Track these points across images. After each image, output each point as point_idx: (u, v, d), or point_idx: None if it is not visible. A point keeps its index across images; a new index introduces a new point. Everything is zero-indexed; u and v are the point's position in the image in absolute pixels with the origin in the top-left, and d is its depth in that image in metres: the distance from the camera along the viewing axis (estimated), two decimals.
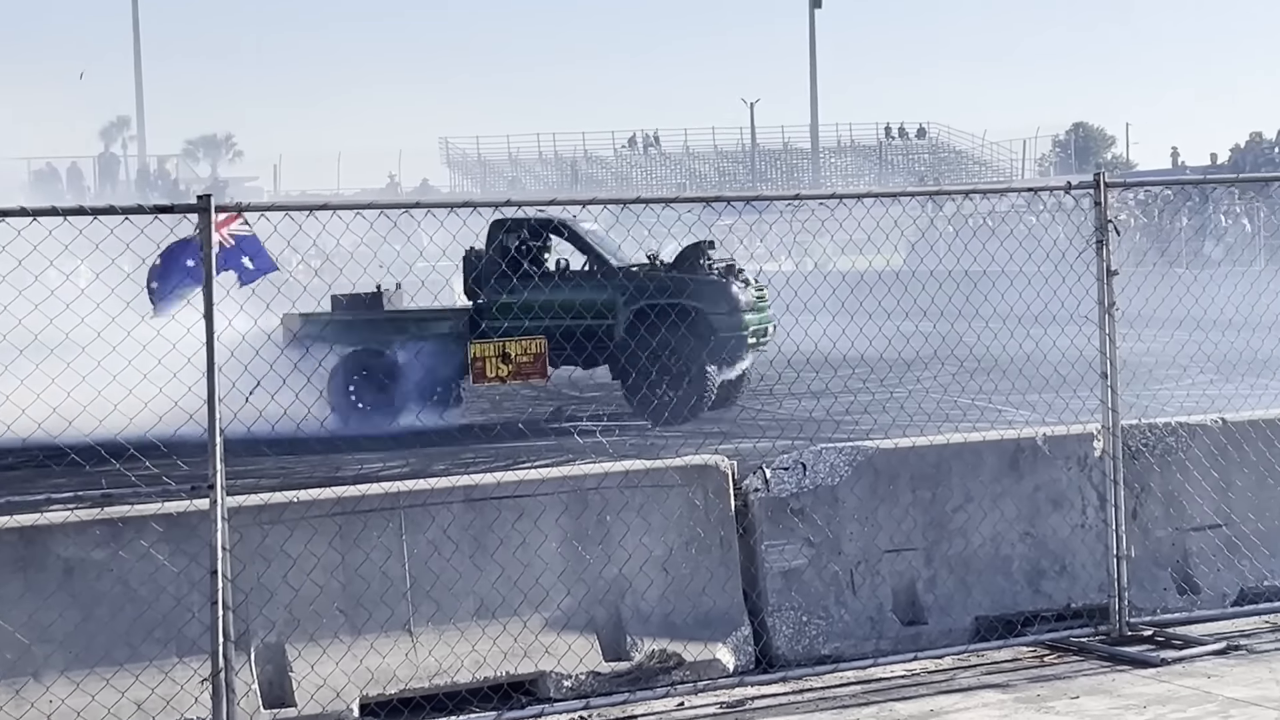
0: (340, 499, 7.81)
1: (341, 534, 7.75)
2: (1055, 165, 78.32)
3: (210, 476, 7.14)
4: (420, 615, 7.86)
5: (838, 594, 8.66)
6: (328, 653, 7.64)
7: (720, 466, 8.59)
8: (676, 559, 8.37)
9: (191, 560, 7.37)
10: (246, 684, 7.42)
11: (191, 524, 7.42)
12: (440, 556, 7.89)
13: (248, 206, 7.37)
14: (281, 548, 7.59)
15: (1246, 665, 8.30)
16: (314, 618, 7.65)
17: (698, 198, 8.68)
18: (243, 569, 7.46)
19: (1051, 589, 9.05)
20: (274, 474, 13.02)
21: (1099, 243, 8.95)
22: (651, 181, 73.37)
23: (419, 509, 7.92)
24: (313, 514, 7.71)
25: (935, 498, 8.92)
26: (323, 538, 7.70)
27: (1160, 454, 9.39)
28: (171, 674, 7.33)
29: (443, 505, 7.95)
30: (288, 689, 7.54)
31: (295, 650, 7.62)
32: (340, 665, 7.63)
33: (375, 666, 7.70)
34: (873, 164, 75.86)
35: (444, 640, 7.84)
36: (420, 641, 7.83)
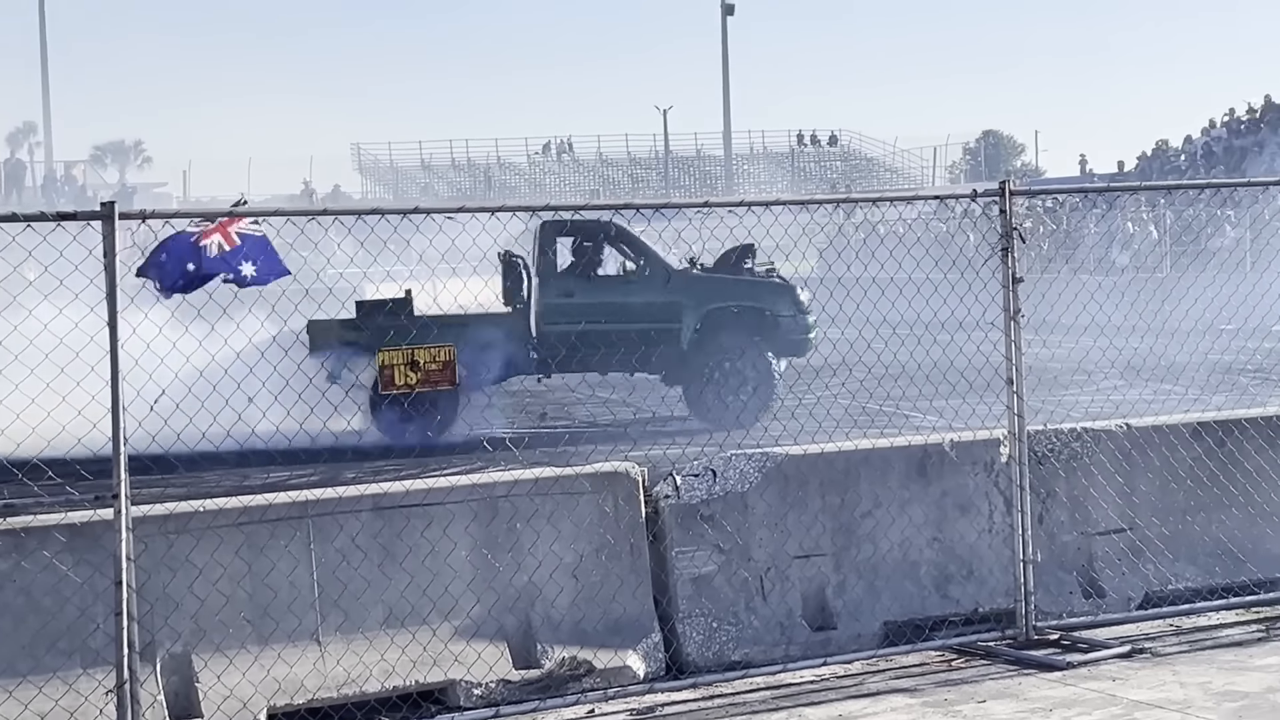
0: (246, 508, 7.75)
1: (248, 543, 7.69)
2: (966, 172, 78.99)
3: (114, 486, 7.06)
4: (329, 625, 7.81)
5: (748, 600, 8.68)
6: (234, 663, 7.58)
7: (631, 473, 8.60)
8: (587, 566, 8.37)
9: (96, 571, 7.29)
10: (152, 695, 7.35)
11: (95, 534, 7.34)
12: (349, 565, 7.84)
13: (152, 213, 7.30)
14: (187, 557, 7.52)
15: (1150, 668, 8.39)
16: (220, 628, 7.59)
17: (608, 205, 8.68)
18: (148, 579, 7.39)
19: (959, 594, 9.12)
20: (181, 483, 12.90)
21: (1005, 250, 9.02)
22: (565, 188, 73.32)
23: (327, 518, 7.87)
24: (219, 523, 7.65)
25: (844, 504, 8.96)
26: (229, 547, 7.63)
27: (1066, 459, 9.48)
28: (76, 685, 7.25)
29: (351, 514, 7.91)
30: (194, 700, 7.48)
31: (201, 661, 7.55)
32: (247, 676, 7.57)
33: (283, 677, 7.64)
34: (785, 171, 76.23)
35: (352, 649, 7.80)
36: (328, 651, 7.78)
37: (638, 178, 75.37)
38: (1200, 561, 9.68)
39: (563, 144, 76.88)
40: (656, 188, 73.37)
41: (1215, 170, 44.95)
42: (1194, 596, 9.48)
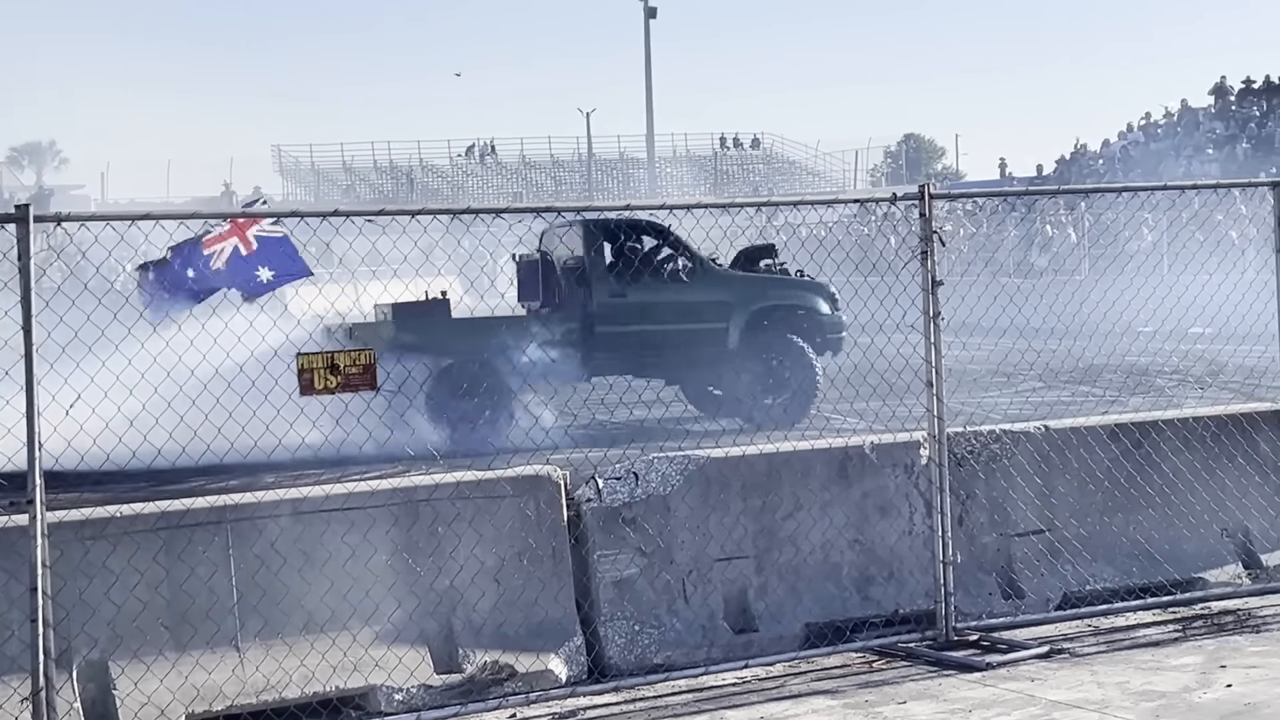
0: (164, 513, 7.68)
1: (166, 549, 7.62)
2: (887, 176, 79.49)
3: (29, 491, 6.98)
4: (247, 630, 7.75)
5: (670, 603, 8.69)
6: (152, 670, 7.51)
7: (552, 477, 8.58)
8: (509, 570, 8.34)
9: (11, 577, 7.20)
10: (68, 702, 7.27)
11: (10, 540, 7.25)
12: (268, 570, 7.79)
13: (67, 216, 7.22)
14: (104, 563, 7.45)
15: (1069, 668, 8.46)
16: (138, 634, 7.51)
17: (530, 208, 8.67)
18: (64, 585, 7.31)
19: (880, 595, 9.16)
20: (98, 488, 12.76)
21: (924, 253, 9.08)
22: (488, 190, 73.14)
23: (246, 522, 7.81)
24: (136, 529, 7.58)
25: (766, 506, 8.98)
26: (146, 553, 7.56)
27: (985, 461, 9.54)
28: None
29: (270, 518, 7.85)
30: (111, 707, 7.40)
31: (119, 668, 7.47)
32: (165, 682, 7.50)
33: (201, 683, 7.57)
34: (708, 174, 76.39)
35: (272, 655, 7.74)
36: (247, 657, 7.72)
37: (561, 180, 75.29)
38: (1118, 562, 9.76)
39: (486, 146, 76.69)
40: (580, 190, 73.34)
41: (1133, 173, 45.41)
42: (1112, 597, 9.56)
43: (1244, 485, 10.08)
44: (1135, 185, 14.01)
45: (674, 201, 8.75)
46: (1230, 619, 9.32)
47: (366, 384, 7.69)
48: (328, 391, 7.59)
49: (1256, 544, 10.10)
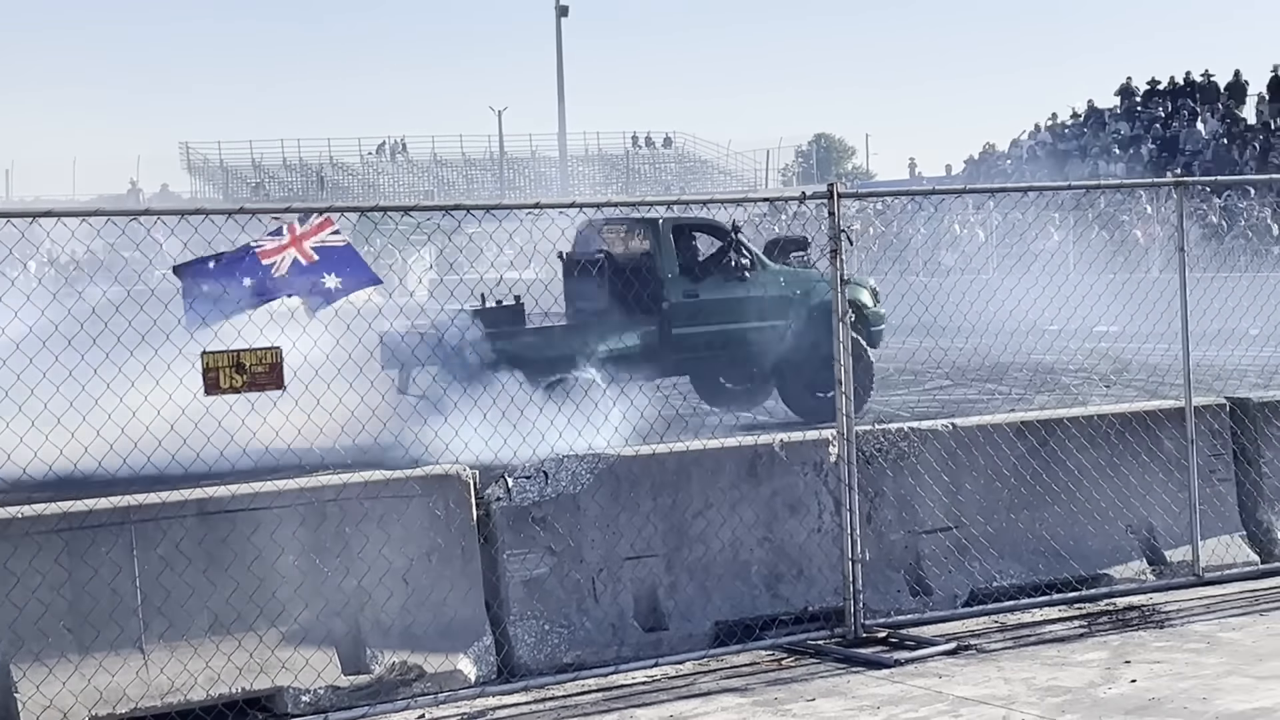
0: (66, 514, 7.58)
1: (68, 550, 7.52)
2: (798, 175, 79.79)
3: None
4: (152, 632, 7.67)
5: (580, 602, 8.67)
6: (54, 673, 7.41)
7: (462, 476, 8.54)
8: (417, 570, 8.30)
9: None
10: None
11: None
12: (173, 572, 7.70)
13: None
14: (4, 565, 7.34)
15: (976, 664, 8.52)
16: (40, 637, 7.41)
17: (438, 206, 8.62)
18: None
19: (789, 593, 9.19)
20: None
21: (833, 252, 9.12)
22: (399, 188, 72.82)
23: (150, 523, 7.72)
24: (37, 529, 7.48)
25: (676, 504, 8.99)
26: (48, 554, 7.46)
27: (894, 459, 9.59)
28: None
29: (175, 519, 7.77)
30: (12, 710, 7.30)
31: (20, 671, 7.37)
32: (68, 685, 7.40)
33: (105, 686, 7.48)
34: (620, 173, 76.41)
35: (177, 657, 7.66)
36: (152, 659, 7.64)
37: (472, 178, 75.08)
38: (1024, 559, 9.84)
39: (397, 144, 76.35)
40: (491, 189, 73.16)
41: (1040, 174, 45.85)
42: (1018, 593, 9.64)
43: (1148, 482, 10.19)
44: (1041, 185, 14.16)
45: (584, 200, 8.73)
46: (1135, 615, 9.42)
47: (273, 383, 7.62)
48: (233, 391, 7.52)
49: (1160, 540, 10.22)
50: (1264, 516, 10.58)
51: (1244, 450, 10.63)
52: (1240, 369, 19.94)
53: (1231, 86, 44.96)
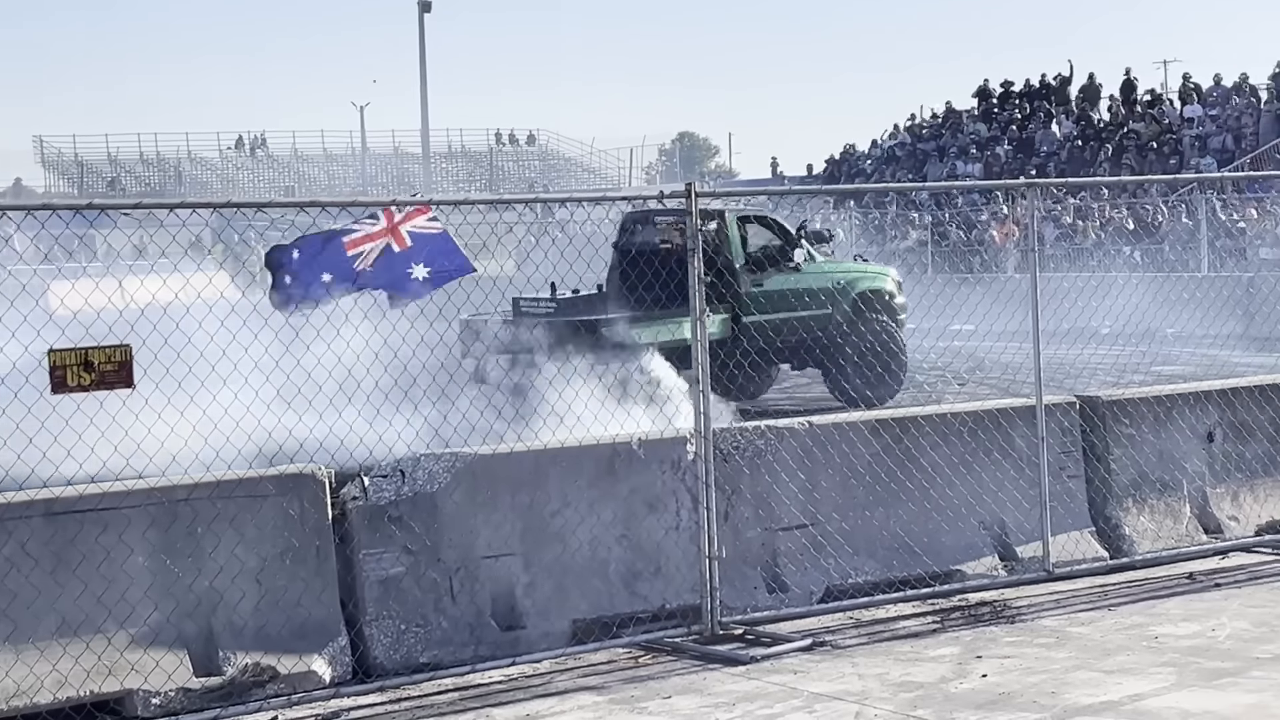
0: None
1: None
2: (662, 173, 80.00)
3: None
4: None
5: (436, 601, 8.63)
6: None
7: (317, 475, 8.46)
8: (271, 570, 8.21)
9: None
10: None
11: None
12: (19, 574, 7.55)
13: None
14: None
15: (831, 660, 8.59)
16: None
17: (295, 202, 8.53)
18: None
19: (647, 591, 9.21)
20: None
21: (691, 251, 9.15)
22: (259, 184, 72.03)
23: None
24: None
25: (534, 503, 8.97)
26: None
27: (750, 457, 9.64)
28: None
29: (20, 520, 7.62)
30: None
31: None
32: None
33: None
34: (483, 170, 76.16)
35: (23, 660, 7.51)
36: None
37: (334, 174, 74.43)
38: (879, 555, 9.94)
39: (256, 139, 75.50)
40: (353, 185, 72.58)
41: (899, 174, 46.36)
42: (873, 590, 9.73)
43: (1000, 479, 10.33)
44: (899, 185, 14.33)
45: (446, 197, 8.68)
46: (987, 610, 9.55)
47: (122, 382, 7.49)
48: (81, 389, 7.38)
49: (1012, 536, 10.36)
50: (1112, 513, 10.77)
51: (1093, 448, 10.82)
52: (1091, 367, 20.29)
53: (1085, 89, 45.75)
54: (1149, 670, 8.17)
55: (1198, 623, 9.08)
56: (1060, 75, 46.38)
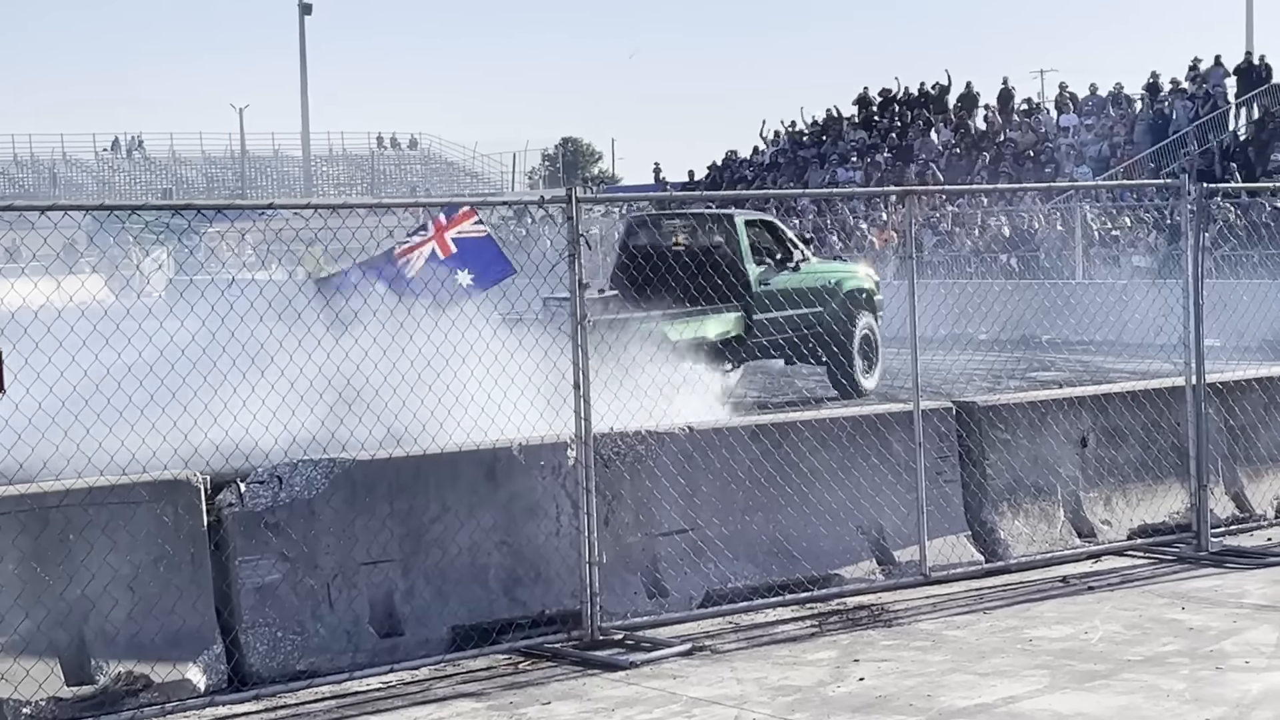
0: None
1: None
2: (545, 179, 80.00)
3: None
4: None
5: (314, 608, 8.55)
6: None
7: (192, 481, 8.36)
8: (145, 578, 8.09)
9: None
10: None
11: None
12: None
13: None
14: None
15: (710, 665, 8.62)
16: None
17: (169, 205, 8.43)
18: None
19: (527, 596, 9.18)
20: None
21: (571, 256, 9.15)
22: (136, 187, 71.12)
23: None
24: None
25: (413, 509, 8.92)
26: None
27: (631, 462, 9.65)
28: None
29: None
30: None
31: None
32: None
33: None
34: (365, 173, 75.72)
35: None
36: None
37: (213, 177, 73.70)
38: (759, 560, 9.98)
39: (133, 141, 74.55)
40: (233, 187, 71.90)
41: (781, 181, 46.62)
42: (752, 594, 9.78)
43: (878, 484, 10.42)
44: (780, 192, 14.42)
45: (321, 201, 8.61)
46: (864, 614, 9.62)
47: None
48: None
49: (890, 540, 10.45)
50: (988, 517, 10.90)
51: (969, 452, 10.95)
52: (968, 373, 20.51)
53: (963, 98, 46.28)
54: (1023, 672, 8.28)
55: (1071, 625, 9.21)
56: (938, 84, 46.90)
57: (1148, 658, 8.49)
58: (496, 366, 9.21)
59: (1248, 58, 41.26)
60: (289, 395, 9.12)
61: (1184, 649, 8.63)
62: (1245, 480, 12.19)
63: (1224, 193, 26.04)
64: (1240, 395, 12.23)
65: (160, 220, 15.36)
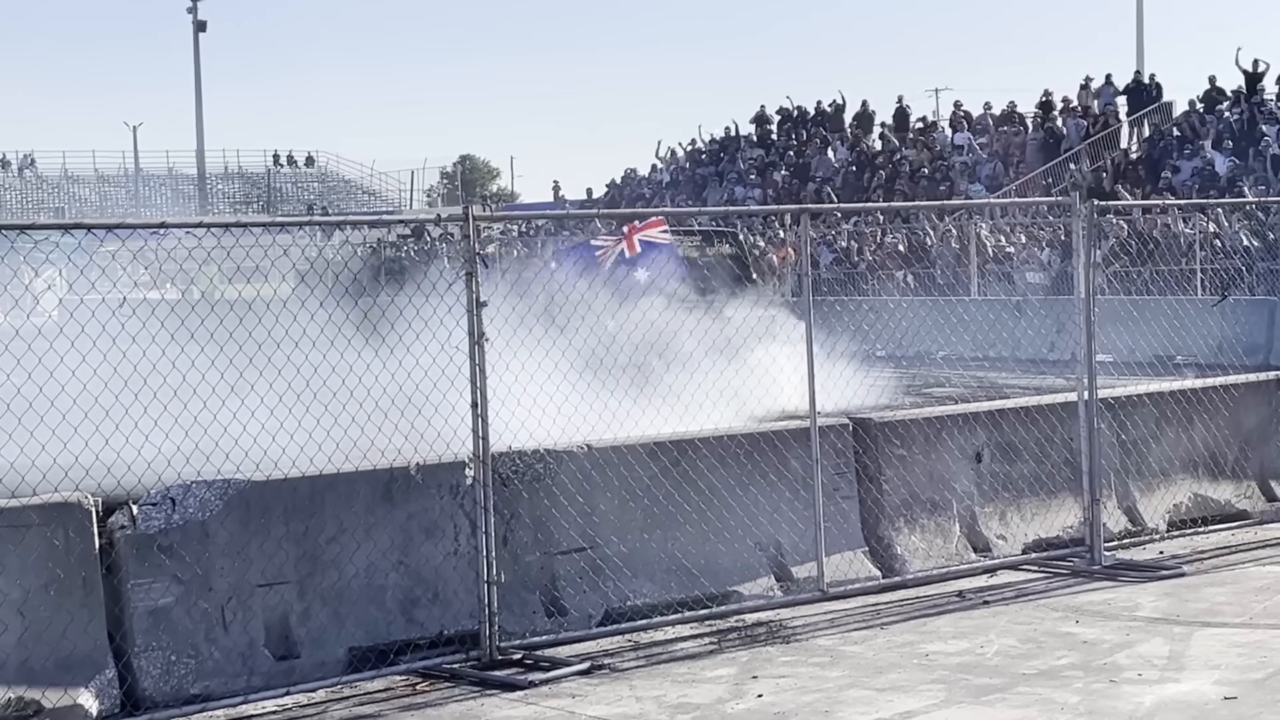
0: None
1: None
2: (444, 196, 79.78)
3: None
4: None
5: (208, 631, 8.46)
6: None
7: (83, 504, 8.24)
8: (35, 602, 7.97)
9: None
10: None
11: None
12: None
13: None
14: None
15: (609, 684, 8.60)
16: None
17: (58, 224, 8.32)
18: None
19: (425, 617, 9.13)
20: None
21: (468, 274, 9.12)
22: (27, 205, 70.15)
23: None
24: None
25: (309, 530, 8.84)
26: None
27: (529, 480, 9.62)
28: None
29: None
30: None
31: None
32: None
33: None
34: (261, 191, 75.16)
35: None
36: None
37: (106, 195, 72.85)
38: (658, 577, 9.98)
39: (24, 159, 73.55)
40: (126, 206, 71.08)
41: (679, 198, 46.77)
42: (651, 612, 9.77)
43: (776, 500, 10.45)
44: (677, 210, 14.47)
45: (214, 220, 8.52)
46: (763, 630, 9.65)
47: None
48: None
49: (788, 557, 10.49)
50: (885, 532, 10.97)
51: (866, 468, 11.01)
52: (865, 390, 20.60)
53: (859, 116, 46.65)
54: (920, 687, 8.33)
55: (967, 640, 9.28)
56: (835, 103, 47.25)
57: (1042, 671, 8.57)
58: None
59: (1137, 76, 41.90)
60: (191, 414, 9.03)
61: (1078, 662, 8.72)
62: (1137, 494, 12.34)
63: (1115, 210, 26.50)
64: (1132, 410, 12.38)
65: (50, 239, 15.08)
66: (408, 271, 28.01)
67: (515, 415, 9.83)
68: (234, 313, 9.25)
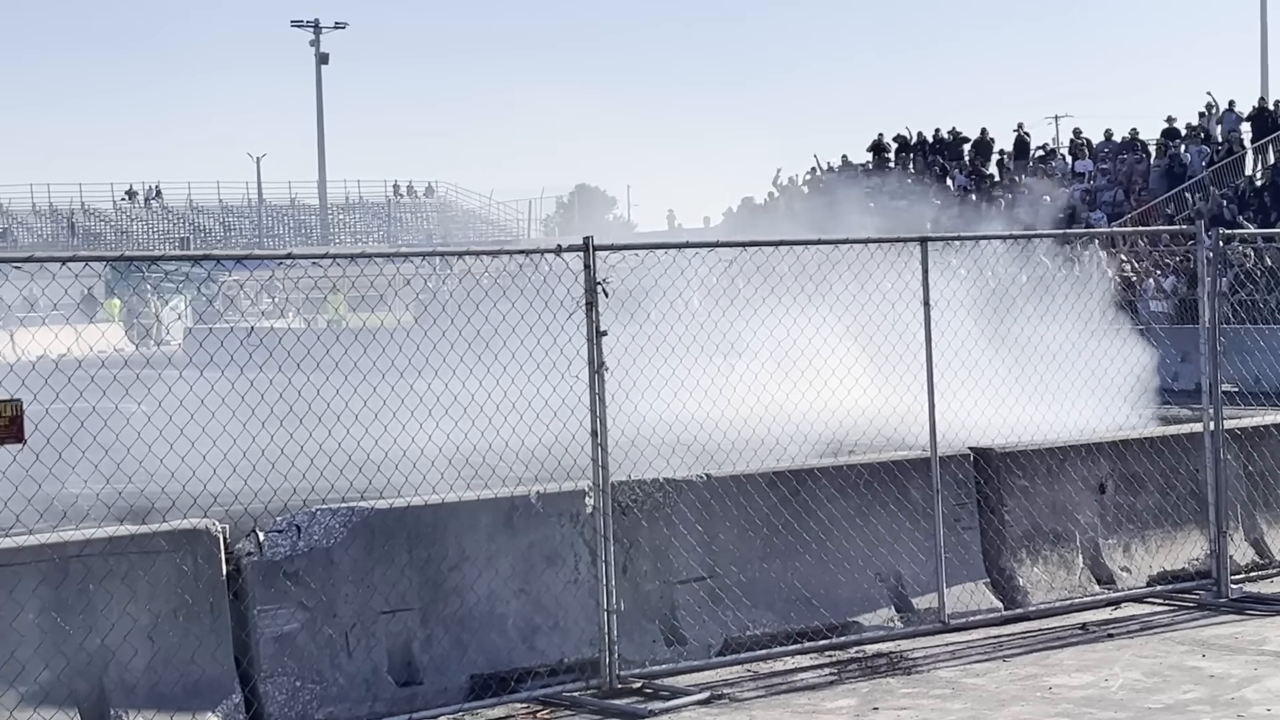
0: None
1: None
2: (560, 225, 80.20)
3: None
4: None
5: (332, 657, 8.55)
6: None
7: (211, 530, 8.38)
8: (164, 627, 8.10)
9: None
10: None
11: None
12: None
13: None
14: None
15: (729, 713, 8.59)
16: None
17: (187, 255, 8.48)
18: None
19: (545, 645, 9.17)
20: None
21: (589, 304, 9.17)
22: (153, 235, 71.43)
23: None
24: None
25: (431, 557, 8.92)
26: None
27: (649, 509, 9.65)
28: None
29: None
30: None
31: None
32: None
33: None
34: (381, 221, 76.00)
35: None
36: None
37: (230, 226, 74.03)
38: (777, 607, 9.96)
39: (151, 190, 74.92)
40: (250, 236, 72.20)
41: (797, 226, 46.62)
42: (770, 641, 9.75)
43: (896, 530, 10.40)
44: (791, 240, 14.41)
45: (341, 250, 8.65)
46: (883, 661, 9.60)
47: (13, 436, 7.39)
48: None
49: (908, 588, 10.43)
50: (1006, 564, 10.87)
51: (987, 499, 10.93)
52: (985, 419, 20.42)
53: (978, 144, 46.35)
54: None
55: (1091, 673, 9.17)
56: (954, 130, 46.99)
57: (1169, 705, 8.45)
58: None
59: (1261, 103, 41.30)
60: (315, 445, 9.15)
61: (1205, 696, 8.60)
62: (1265, 526, 12.15)
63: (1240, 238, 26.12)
64: (1259, 441, 12.20)
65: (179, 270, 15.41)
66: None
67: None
68: (358, 341, 9.38)
